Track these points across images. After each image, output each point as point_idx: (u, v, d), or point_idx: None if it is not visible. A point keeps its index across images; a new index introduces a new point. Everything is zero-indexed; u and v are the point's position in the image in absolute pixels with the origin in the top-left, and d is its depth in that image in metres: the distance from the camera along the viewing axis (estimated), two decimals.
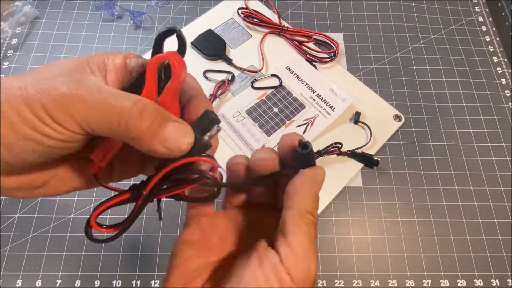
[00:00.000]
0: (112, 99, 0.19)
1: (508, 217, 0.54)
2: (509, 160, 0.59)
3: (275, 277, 0.21)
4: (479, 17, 0.73)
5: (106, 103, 0.18)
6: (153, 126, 0.19)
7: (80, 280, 0.47)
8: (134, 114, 0.19)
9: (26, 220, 0.50)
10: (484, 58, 0.68)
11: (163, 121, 0.20)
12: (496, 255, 0.52)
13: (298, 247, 0.21)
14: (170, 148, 0.20)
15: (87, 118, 0.18)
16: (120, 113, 0.18)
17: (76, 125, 0.18)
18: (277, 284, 0.20)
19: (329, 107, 0.59)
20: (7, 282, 0.46)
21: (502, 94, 0.65)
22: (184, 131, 0.20)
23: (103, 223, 0.22)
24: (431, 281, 0.50)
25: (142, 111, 0.19)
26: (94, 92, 0.18)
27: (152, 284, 0.47)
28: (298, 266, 0.21)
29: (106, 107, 0.18)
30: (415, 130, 0.60)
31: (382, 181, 0.56)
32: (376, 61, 0.66)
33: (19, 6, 0.65)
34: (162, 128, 0.20)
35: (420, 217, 0.54)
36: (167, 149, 0.20)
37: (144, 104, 0.19)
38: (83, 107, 0.18)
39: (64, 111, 0.18)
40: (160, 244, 0.50)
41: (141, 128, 0.19)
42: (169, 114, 0.20)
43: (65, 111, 0.18)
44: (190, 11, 0.69)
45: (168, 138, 0.20)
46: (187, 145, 0.20)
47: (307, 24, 0.69)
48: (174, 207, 0.52)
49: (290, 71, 0.62)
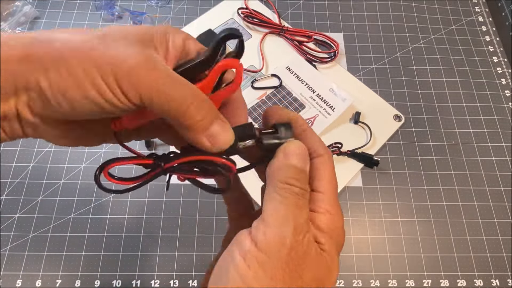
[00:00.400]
0: (179, 86, 0.20)
1: (508, 217, 0.54)
2: (509, 160, 0.59)
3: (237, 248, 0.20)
4: (479, 17, 0.73)
5: (173, 88, 0.20)
6: (205, 120, 0.21)
7: (80, 280, 0.47)
8: (193, 105, 0.20)
9: (26, 220, 0.50)
10: (484, 58, 0.68)
11: (213, 118, 0.21)
12: (496, 255, 0.52)
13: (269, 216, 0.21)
14: (213, 144, 0.21)
15: (151, 96, 0.19)
16: (183, 101, 0.20)
17: (139, 99, 0.19)
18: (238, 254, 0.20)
19: (329, 107, 0.59)
20: (7, 282, 0.46)
21: (502, 94, 0.65)
22: (229, 132, 0.22)
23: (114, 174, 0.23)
24: (431, 281, 0.50)
25: (200, 104, 0.20)
26: (164, 75, 0.20)
27: (152, 284, 0.47)
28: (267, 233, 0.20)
29: (172, 92, 0.20)
30: (415, 130, 0.60)
31: (382, 181, 0.56)
32: (376, 61, 0.66)
33: (19, 6, 0.65)
34: (211, 124, 0.21)
35: (420, 217, 0.54)
36: (211, 144, 0.21)
37: (203, 99, 0.21)
38: (152, 86, 0.19)
39: (134, 85, 0.19)
40: (160, 244, 0.50)
41: (195, 119, 0.20)
42: (218, 113, 0.22)
43: (134, 86, 0.19)
44: (190, 11, 0.69)
45: (214, 135, 0.21)
46: (228, 145, 0.22)
47: (307, 24, 0.69)
48: (174, 207, 0.52)
49: (290, 71, 0.62)
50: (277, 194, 0.22)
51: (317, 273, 0.21)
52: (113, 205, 0.52)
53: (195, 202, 0.52)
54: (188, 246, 0.50)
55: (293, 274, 0.20)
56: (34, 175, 0.53)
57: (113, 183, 0.23)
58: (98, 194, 0.52)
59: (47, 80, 0.19)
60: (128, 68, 0.19)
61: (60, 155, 0.54)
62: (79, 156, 0.55)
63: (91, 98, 0.19)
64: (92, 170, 0.53)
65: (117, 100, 0.19)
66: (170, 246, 0.50)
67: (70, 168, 0.54)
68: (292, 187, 0.22)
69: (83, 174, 0.53)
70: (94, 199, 0.52)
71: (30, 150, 0.54)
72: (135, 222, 0.51)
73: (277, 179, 0.22)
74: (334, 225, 0.22)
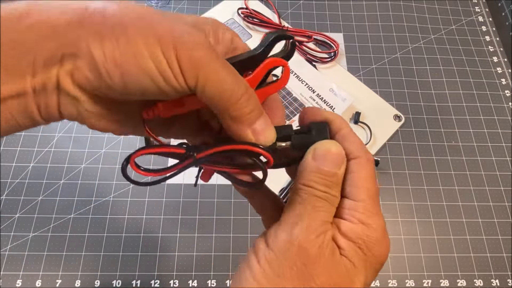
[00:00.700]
0: (234, 75, 0.20)
1: (508, 217, 0.54)
2: (509, 160, 0.59)
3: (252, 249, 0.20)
4: (479, 17, 0.73)
5: (228, 78, 0.19)
6: (253, 114, 0.21)
7: (80, 280, 0.47)
8: (244, 97, 0.20)
9: (26, 220, 0.50)
10: (484, 58, 0.68)
11: (260, 113, 0.21)
12: (496, 255, 0.52)
13: (284, 216, 0.21)
14: (257, 139, 0.21)
15: (207, 81, 0.19)
16: (235, 92, 0.19)
17: (194, 82, 0.18)
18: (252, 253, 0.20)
19: (329, 107, 0.59)
20: (7, 282, 0.46)
21: (502, 94, 0.65)
22: (272, 129, 0.22)
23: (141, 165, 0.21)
24: (431, 281, 0.50)
25: (250, 97, 0.20)
26: (222, 61, 0.19)
27: (152, 284, 0.47)
28: (277, 232, 0.20)
29: (227, 82, 0.19)
30: (415, 130, 0.60)
31: (382, 181, 0.56)
32: (376, 61, 0.66)
33: None
34: (257, 118, 0.21)
35: (420, 217, 0.54)
36: (255, 137, 0.21)
37: (252, 93, 0.21)
38: (211, 69, 0.19)
39: (194, 65, 0.18)
40: (160, 244, 0.50)
41: (244, 111, 0.20)
42: (262, 109, 0.22)
43: (194, 65, 0.18)
44: (190, 11, 0.69)
45: (259, 130, 0.21)
46: (270, 142, 0.22)
47: (307, 24, 0.69)
48: (174, 207, 0.52)
49: (290, 71, 0.62)
50: (297, 196, 0.21)
51: (334, 278, 0.19)
52: (113, 205, 0.52)
53: (195, 202, 0.52)
54: (188, 246, 0.50)
55: (303, 274, 0.19)
56: (34, 175, 0.53)
57: (141, 174, 0.21)
58: (98, 194, 0.52)
59: (101, 48, 0.17)
60: (192, 45, 0.18)
61: (60, 155, 0.54)
62: (79, 156, 0.54)
63: (147, 73, 0.18)
64: (92, 170, 0.53)
65: (174, 79, 0.18)
66: (170, 246, 0.50)
67: (70, 168, 0.54)
68: (312, 189, 0.21)
69: (83, 174, 0.53)
70: (94, 199, 0.52)
71: (30, 150, 0.54)
72: (135, 222, 0.51)
73: (300, 181, 0.21)
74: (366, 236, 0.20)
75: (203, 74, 0.18)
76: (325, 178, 0.21)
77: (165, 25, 0.18)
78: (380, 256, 0.21)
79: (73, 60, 0.17)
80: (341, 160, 0.22)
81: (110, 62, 0.17)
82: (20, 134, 0.55)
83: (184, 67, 0.18)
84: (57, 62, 0.18)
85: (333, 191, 0.21)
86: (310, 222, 0.20)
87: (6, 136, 0.54)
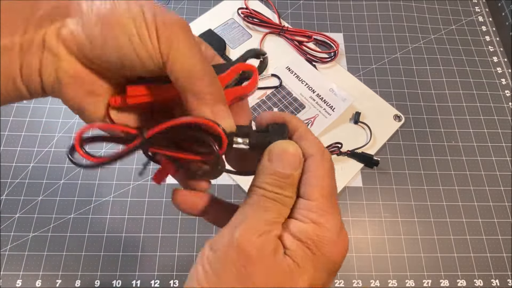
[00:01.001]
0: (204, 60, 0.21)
1: (508, 217, 0.54)
2: (509, 160, 0.59)
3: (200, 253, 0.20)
4: (479, 17, 0.73)
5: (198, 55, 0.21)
6: (215, 95, 0.21)
7: (80, 280, 0.47)
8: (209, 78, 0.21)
9: (26, 220, 0.50)
10: (484, 58, 0.68)
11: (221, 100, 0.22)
12: (496, 255, 0.52)
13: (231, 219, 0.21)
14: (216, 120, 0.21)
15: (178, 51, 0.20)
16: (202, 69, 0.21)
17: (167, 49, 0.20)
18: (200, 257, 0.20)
19: (329, 107, 0.59)
20: (7, 282, 0.46)
21: (502, 94, 0.65)
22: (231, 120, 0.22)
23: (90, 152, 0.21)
24: (431, 281, 0.50)
25: (214, 81, 0.21)
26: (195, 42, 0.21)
27: (152, 284, 0.47)
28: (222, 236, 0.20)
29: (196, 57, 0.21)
30: (415, 130, 0.60)
31: (382, 181, 0.56)
32: (376, 61, 0.66)
33: None
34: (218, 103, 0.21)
35: (420, 217, 0.54)
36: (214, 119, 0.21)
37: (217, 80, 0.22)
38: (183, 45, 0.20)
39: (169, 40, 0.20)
40: (160, 244, 0.50)
41: (207, 90, 0.21)
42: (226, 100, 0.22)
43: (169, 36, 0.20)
44: (190, 11, 0.69)
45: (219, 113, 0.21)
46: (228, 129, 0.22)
47: (307, 24, 0.69)
48: (174, 207, 0.52)
49: (290, 71, 0.62)
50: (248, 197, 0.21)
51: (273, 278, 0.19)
52: (113, 205, 0.52)
53: None
54: (188, 246, 0.50)
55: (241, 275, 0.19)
56: (34, 175, 0.53)
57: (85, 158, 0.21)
58: (98, 194, 0.52)
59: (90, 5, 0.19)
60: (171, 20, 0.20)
61: (60, 155, 0.54)
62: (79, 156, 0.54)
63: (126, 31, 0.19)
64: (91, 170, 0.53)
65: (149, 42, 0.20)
66: (170, 246, 0.50)
67: (70, 168, 0.54)
68: (263, 190, 0.21)
69: (83, 174, 0.53)
70: (94, 199, 0.52)
71: (30, 150, 0.54)
72: (135, 222, 0.51)
73: (253, 182, 0.21)
74: (316, 236, 0.20)
75: (176, 45, 0.20)
76: (278, 179, 0.21)
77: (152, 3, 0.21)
78: (332, 256, 0.20)
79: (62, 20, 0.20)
80: (298, 161, 0.21)
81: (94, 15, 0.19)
82: (20, 134, 0.55)
83: (160, 34, 0.20)
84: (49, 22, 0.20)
85: (286, 192, 0.21)
86: (253, 223, 0.20)
87: (6, 136, 0.55)
